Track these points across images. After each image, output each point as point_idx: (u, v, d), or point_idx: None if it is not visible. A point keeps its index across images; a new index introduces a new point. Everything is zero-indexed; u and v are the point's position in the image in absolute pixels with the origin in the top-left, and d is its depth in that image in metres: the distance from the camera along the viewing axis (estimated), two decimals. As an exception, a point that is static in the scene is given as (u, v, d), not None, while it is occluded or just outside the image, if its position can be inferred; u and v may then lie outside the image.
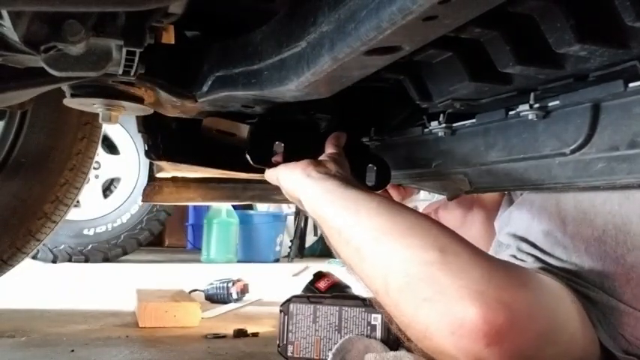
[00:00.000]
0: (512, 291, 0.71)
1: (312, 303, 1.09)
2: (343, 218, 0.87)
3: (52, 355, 1.37)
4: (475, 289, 0.69)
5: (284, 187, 1.07)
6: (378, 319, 1.04)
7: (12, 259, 1.72)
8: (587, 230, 0.93)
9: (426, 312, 0.71)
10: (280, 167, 1.09)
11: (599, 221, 0.93)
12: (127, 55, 0.87)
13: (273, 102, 1.02)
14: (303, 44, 0.78)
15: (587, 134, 0.79)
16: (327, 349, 1.05)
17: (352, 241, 0.84)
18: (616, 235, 0.90)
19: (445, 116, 1.02)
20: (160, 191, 1.66)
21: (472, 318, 0.67)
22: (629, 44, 0.71)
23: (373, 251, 0.80)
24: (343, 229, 0.86)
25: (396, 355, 0.95)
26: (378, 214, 0.84)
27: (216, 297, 2.23)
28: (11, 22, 0.76)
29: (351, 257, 0.84)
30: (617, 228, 0.90)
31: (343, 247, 0.86)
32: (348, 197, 0.91)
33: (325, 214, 0.91)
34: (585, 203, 0.95)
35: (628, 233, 0.89)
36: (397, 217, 0.83)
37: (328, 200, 0.92)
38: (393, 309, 0.77)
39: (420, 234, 0.78)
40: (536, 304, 0.74)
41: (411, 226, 0.80)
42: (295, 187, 1.01)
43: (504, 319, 0.68)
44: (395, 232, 0.80)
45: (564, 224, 0.97)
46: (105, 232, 3.88)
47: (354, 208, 0.87)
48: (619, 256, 0.89)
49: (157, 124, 1.42)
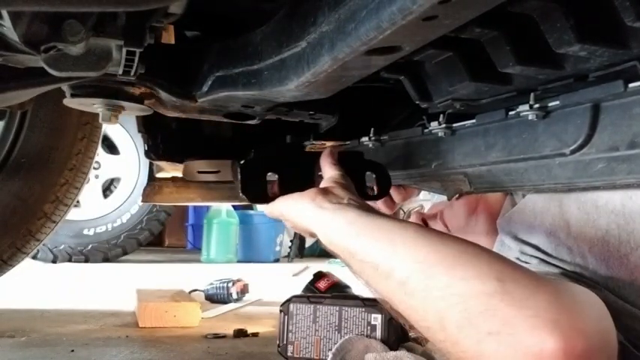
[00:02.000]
0: (582, 315, 0.67)
1: (312, 303, 1.09)
2: (378, 251, 0.81)
3: (52, 355, 1.37)
4: (547, 318, 0.64)
5: (292, 221, 1.01)
6: (378, 319, 1.04)
7: (12, 259, 1.72)
8: (591, 230, 0.94)
9: (493, 347, 0.66)
10: (281, 201, 1.03)
11: (602, 221, 0.93)
12: (127, 55, 0.87)
13: (274, 102, 1.02)
14: (303, 44, 0.78)
15: (587, 134, 0.79)
16: (327, 349, 1.05)
17: (394, 274, 0.77)
18: (619, 235, 0.90)
19: (445, 116, 1.02)
20: (160, 191, 1.66)
21: (551, 349, 0.63)
22: (629, 44, 0.71)
23: (423, 285, 0.74)
24: (381, 262, 0.80)
25: (396, 355, 0.95)
26: (418, 245, 0.78)
27: (216, 297, 2.23)
28: (11, 22, 0.76)
29: (393, 292, 0.78)
30: (621, 227, 0.90)
31: (382, 281, 0.80)
32: (377, 227, 0.85)
33: (353, 247, 0.85)
34: (589, 204, 0.96)
35: (631, 232, 0.89)
36: (440, 245, 0.78)
37: (354, 232, 0.86)
38: (451, 346, 0.71)
39: (471, 263, 0.73)
40: (604, 326, 0.70)
41: (458, 254, 0.75)
42: (308, 222, 0.95)
43: (582, 346, 0.64)
44: (443, 263, 0.74)
45: (568, 225, 0.98)
46: (105, 232, 3.88)
47: (387, 238, 0.82)
48: (622, 255, 0.89)
49: (157, 124, 1.42)
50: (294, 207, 0.98)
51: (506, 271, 0.71)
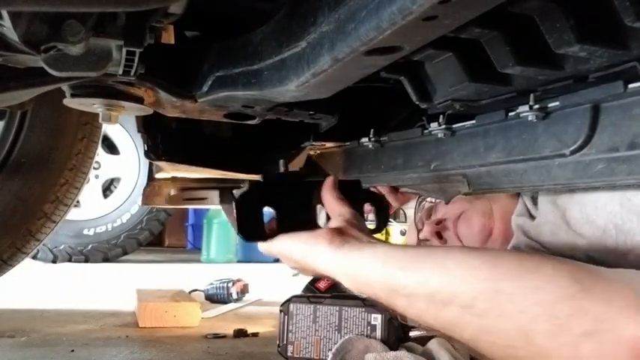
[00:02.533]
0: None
1: (312, 303, 1.09)
2: (431, 280, 0.76)
3: (52, 355, 1.37)
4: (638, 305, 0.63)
5: (300, 263, 0.95)
6: (378, 319, 1.04)
7: (12, 259, 1.72)
8: (589, 230, 0.95)
9: (592, 347, 0.64)
10: (284, 241, 0.96)
11: (600, 221, 0.94)
12: (127, 55, 0.87)
13: (274, 102, 1.02)
14: (303, 44, 0.78)
15: (586, 135, 0.79)
16: (327, 349, 1.04)
17: (456, 300, 0.73)
18: (616, 235, 0.91)
19: (445, 117, 1.02)
20: (160, 193, 1.67)
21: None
22: (629, 45, 0.71)
23: (494, 304, 0.70)
24: (437, 290, 0.75)
25: (396, 355, 0.95)
26: (473, 264, 0.74)
27: (216, 297, 2.23)
28: (11, 22, 0.76)
29: (456, 319, 0.74)
30: (618, 228, 0.91)
31: (440, 311, 0.75)
32: (419, 257, 0.81)
33: (398, 284, 0.80)
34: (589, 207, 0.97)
35: (628, 233, 0.90)
36: (496, 260, 0.74)
37: (395, 268, 0.81)
38: (539, 357, 0.68)
39: (537, 270, 0.70)
40: None
41: (518, 264, 0.72)
42: (326, 266, 0.90)
43: None
44: (509, 276, 0.71)
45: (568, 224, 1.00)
46: (105, 232, 3.88)
47: (437, 265, 0.77)
48: (620, 255, 0.90)
49: (157, 124, 1.42)
50: (304, 249, 0.93)
51: (575, 270, 0.69)
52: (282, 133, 1.41)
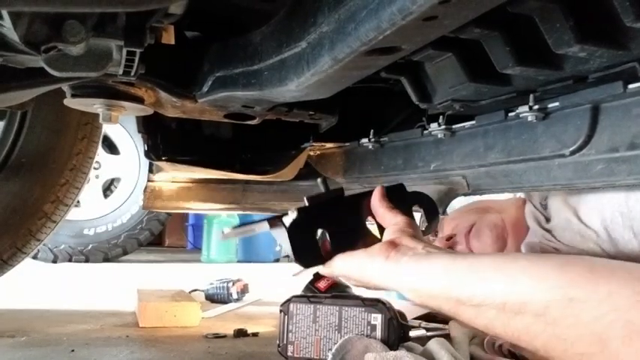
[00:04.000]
0: None
1: (312, 303, 1.09)
2: (501, 288, 0.75)
3: (52, 355, 1.37)
4: None
5: (361, 281, 0.94)
6: (378, 319, 1.04)
7: (12, 259, 1.72)
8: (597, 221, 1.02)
9: None
10: (342, 261, 0.95)
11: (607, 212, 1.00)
12: (127, 56, 0.87)
13: (274, 102, 1.02)
14: (303, 44, 0.78)
15: (586, 135, 0.79)
16: (327, 349, 1.05)
17: (528, 308, 0.72)
18: (622, 222, 0.97)
19: (445, 118, 1.02)
20: (161, 195, 1.67)
21: None
22: (629, 45, 0.71)
23: (567, 311, 0.69)
24: (508, 299, 0.74)
25: (395, 355, 0.95)
26: (542, 271, 0.74)
27: (216, 297, 2.23)
28: (11, 23, 0.76)
29: (527, 327, 0.73)
30: (624, 215, 0.97)
31: (510, 320, 0.74)
32: (484, 265, 0.80)
33: (464, 293, 0.79)
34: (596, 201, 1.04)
35: (634, 220, 0.96)
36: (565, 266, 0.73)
37: (460, 278, 0.80)
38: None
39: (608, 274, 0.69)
40: None
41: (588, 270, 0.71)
42: (387, 281, 0.88)
43: None
44: (581, 282, 0.70)
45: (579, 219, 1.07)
46: (105, 232, 3.88)
47: (505, 273, 0.77)
48: (627, 240, 0.96)
49: (156, 124, 1.43)
50: (363, 267, 0.91)
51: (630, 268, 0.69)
52: (282, 134, 1.41)
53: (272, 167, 1.46)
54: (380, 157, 1.24)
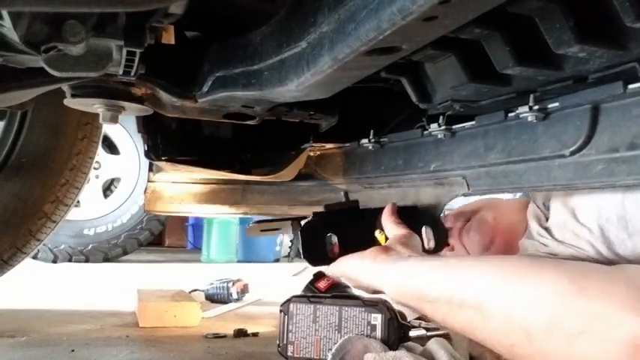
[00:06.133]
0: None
1: (312, 303, 1.09)
2: (448, 285, 0.84)
3: (52, 355, 1.37)
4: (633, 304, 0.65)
5: (354, 280, 1.05)
6: (378, 319, 1.04)
7: (12, 259, 1.72)
8: (593, 221, 1.02)
9: (586, 344, 0.66)
10: (342, 261, 1.05)
11: (604, 212, 1.00)
12: (127, 56, 0.87)
13: (274, 102, 1.02)
14: (303, 44, 0.78)
15: (586, 136, 0.79)
16: (327, 349, 1.04)
17: (468, 302, 0.79)
18: (617, 222, 0.98)
19: (445, 118, 1.02)
20: (162, 196, 1.67)
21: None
22: (629, 45, 0.71)
23: (499, 304, 0.75)
24: (453, 294, 0.82)
25: (395, 355, 0.95)
26: (482, 269, 0.81)
27: (216, 297, 2.23)
28: (11, 23, 0.76)
29: (470, 320, 0.80)
30: (619, 215, 0.98)
31: (456, 313, 0.81)
32: (442, 266, 0.88)
33: (423, 291, 0.87)
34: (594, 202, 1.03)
35: (629, 221, 0.96)
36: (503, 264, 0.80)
37: (422, 278, 0.88)
38: (540, 356, 0.71)
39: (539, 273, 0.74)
40: None
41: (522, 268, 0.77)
42: (371, 280, 0.99)
43: None
44: (513, 278, 0.76)
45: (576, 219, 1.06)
46: (105, 232, 3.88)
47: (454, 272, 0.85)
48: (621, 241, 0.96)
49: (156, 124, 1.42)
50: (355, 267, 1.02)
51: (573, 270, 0.73)
52: (282, 134, 1.41)
53: (272, 167, 1.46)
54: (380, 158, 1.24)
